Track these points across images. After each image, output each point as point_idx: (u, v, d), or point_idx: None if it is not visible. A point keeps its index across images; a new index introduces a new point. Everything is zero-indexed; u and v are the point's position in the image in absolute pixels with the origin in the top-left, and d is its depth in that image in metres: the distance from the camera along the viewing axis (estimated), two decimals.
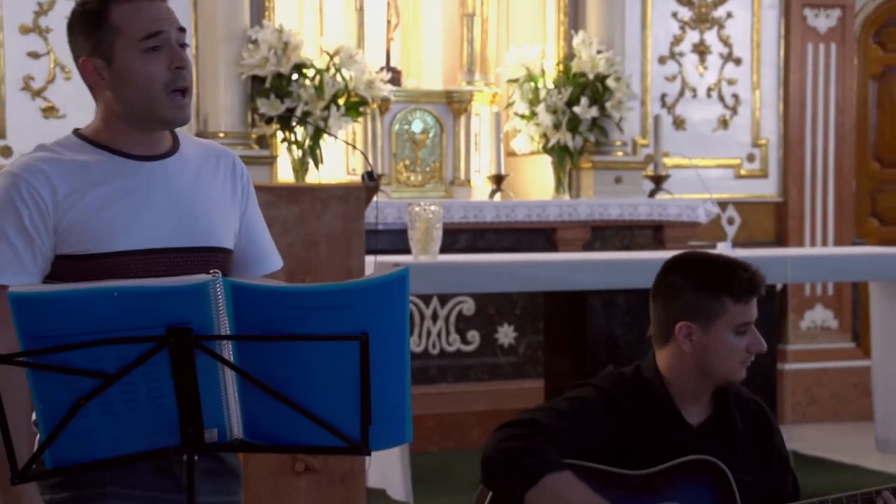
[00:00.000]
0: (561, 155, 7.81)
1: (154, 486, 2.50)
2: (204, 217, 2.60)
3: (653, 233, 7.70)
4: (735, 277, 3.04)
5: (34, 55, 7.07)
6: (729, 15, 8.56)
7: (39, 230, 2.48)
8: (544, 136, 7.80)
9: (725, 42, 8.56)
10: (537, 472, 2.91)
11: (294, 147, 7.22)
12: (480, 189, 7.94)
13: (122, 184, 2.53)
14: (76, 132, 2.61)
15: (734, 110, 8.58)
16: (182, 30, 2.58)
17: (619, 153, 7.97)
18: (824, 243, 8.60)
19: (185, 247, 2.53)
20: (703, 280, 3.05)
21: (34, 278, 2.46)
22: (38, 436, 2.40)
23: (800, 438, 7.34)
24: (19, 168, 2.51)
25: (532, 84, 7.83)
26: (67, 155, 2.54)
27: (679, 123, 8.43)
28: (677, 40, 8.47)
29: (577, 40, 7.80)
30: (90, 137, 2.59)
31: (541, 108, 7.76)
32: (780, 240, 8.59)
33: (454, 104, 7.93)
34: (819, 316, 8.68)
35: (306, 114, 7.08)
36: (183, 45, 2.57)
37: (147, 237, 2.51)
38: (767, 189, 8.67)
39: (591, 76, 7.70)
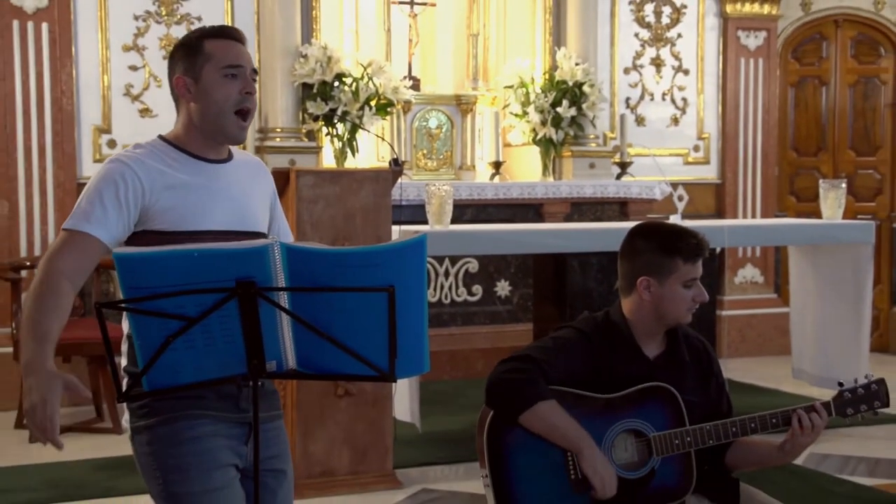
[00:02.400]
0: (547, 146, 7.80)
1: (221, 408, 2.53)
2: (253, 209, 2.69)
3: (619, 207, 7.69)
4: (686, 242, 3.05)
5: (133, 68, 7.06)
6: (679, 35, 8.53)
7: (130, 204, 2.51)
8: (534, 130, 7.79)
9: (676, 57, 8.53)
10: (531, 400, 2.93)
11: (335, 139, 7.22)
12: (483, 173, 7.93)
13: (200, 179, 2.59)
14: (161, 137, 2.67)
15: (683, 111, 8.56)
16: (255, 71, 2.67)
17: (593, 144, 7.95)
18: (753, 216, 8.60)
19: (243, 230, 2.59)
20: (660, 244, 3.06)
21: (112, 238, 2.50)
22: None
23: (733, 369, 7.35)
24: (125, 157, 2.57)
25: (524, 89, 7.81)
26: (158, 154, 2.60)
27: (640, 121, 8.41)
28: (638, 55, 8.44)
29: (559, 55, 7.78)
30: (173, 142, 2.64)
31: (531, 109, 7.74)
32: (719, 213, 8.59)
33: (462, 105, 7.91)
34: (749, 273, 8.68)
35: (345, 113, 7.08)
36: (253, 80, 2.65)
37: (218, 221, 2.57)
38: (709, 173, 8.66)
39: (570, 83, 7.68)
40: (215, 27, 2.69)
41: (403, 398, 5.11)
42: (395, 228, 4.86)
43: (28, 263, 6.50)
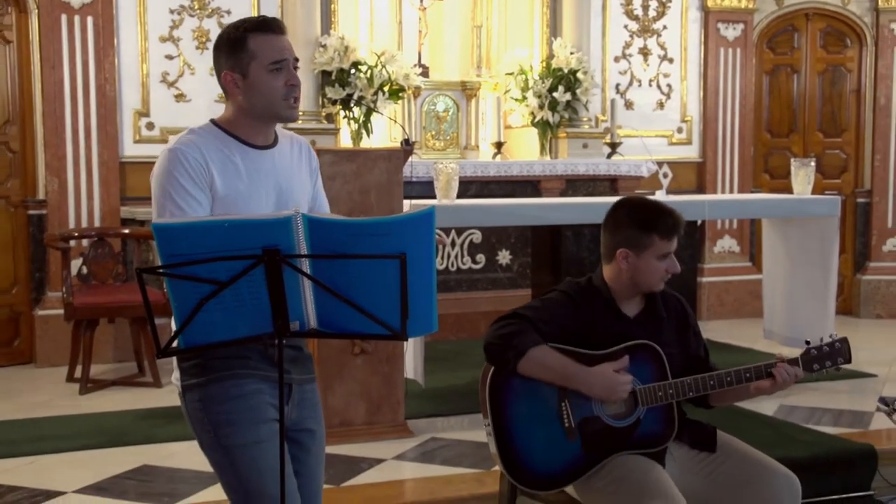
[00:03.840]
0: (544, 128, 7.78)
1: (265, 369, 2.51)
2: (296, 190, 2.64)
3: (609, 184, 7.66)
4: (663, 221, 3.05)
5: (169, 57, 7.05)
6: (665, 27, 8.49)
7: (205, 187, 2.47)
8: (532, 113, 7.77)
9: (662, 46, 8.49)
10: (524, 348, 2.94)
11: (352, 121, 7.20)
12: (486, 152, 7.91)
13: (249, 166, 2.54)
14: (212, 121, 2.60)
15: (668, 96, 8.52)
16: (296, 59, 2.61)
17: (586, 126, 7.92)
18: (731, 191, 8.58)
19: None
20: (640, 221, 3.06)
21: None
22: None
23: (712, 330, 7.37)
24: (180, 145, 2.50)
25: (523, 76, 7.78)
26: (210, 139, 2.54)
27: (629, 105, 8.38)
28: (627, 45, 8.40)
29: (555, 44, 7.74)
30: (224, 127, 2.58)
31: (529, 94, 7.71)
32: (700, 188, 8.57)
33: (467, 91, 7.89)
34: (727, 243, 8.67)
35: (361, 98, 7.06)
36: (295, 68, 2.59)
37: (264, 205, 2.53)
38: (691, 152, 8.63)
39: (565, 70, 7.65)
40: (257, 20, 2.59)
41: (409, 357, 5.12)
42: (406, 202, 4.86)
43: (76, 234, 6.52)
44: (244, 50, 2.54)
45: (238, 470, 2.50)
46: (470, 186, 7.08)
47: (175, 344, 2.22)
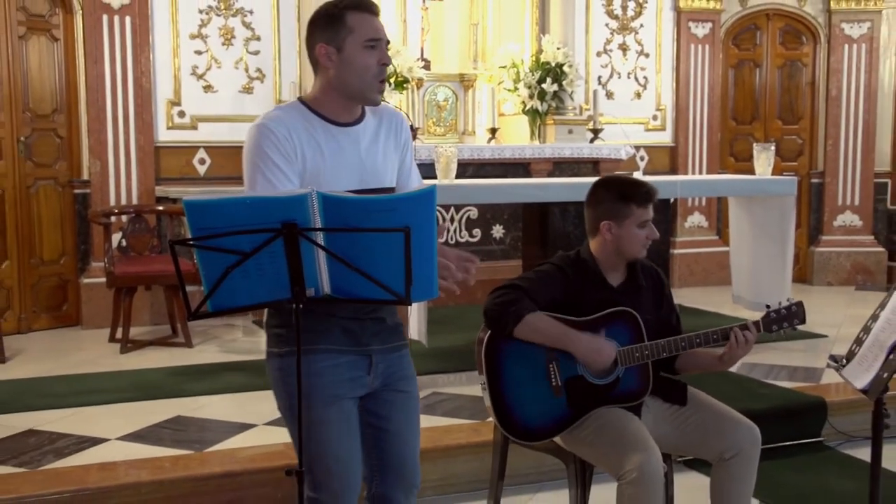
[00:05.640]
0: (533, 115, 7.74)
1: (345, 343, 2.41)
2: (379, 167, 2.45)
3: (592, 166, 7.63)
4: (638, 191, 3.02)
5: (198, 52, 7.00)
6: (641, 25, 8.44)
7: (293, 161, 2.33)
8: (523, 103, 7.73)
9: (639, 43, 8.44)
10: (520, 314, 2.92)
11: None
12: (481, 137, 7.87)
13: (331, 144, 2.38)
14: (300, 99, 2.44)
15: (644, 87, 8.48)
16: (388, 41, 2.46)
17: (571, 114, 7.87)
18: (700, 172, 8.56)
19: (367, 188, 2.38)
20: (618, 193, 3.03)
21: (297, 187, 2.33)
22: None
23: (683, 296, 7.35)
24: (268, 121, 2.34)
25: (515, 69, 7.74)
26: (296, 115, 2.38)
27: (609, 95, 8.33)
28: (608, 41, 8.35)
29: (544, 40, 7.70)
30: (311, 105, 2.41)
31: (521, 85, 7.68)
32: (673, 170, 8.54)
33: (465, 82, 7.84)
34: (696, 219, 8.66)
35: None
36: (387, 50, 2.43)
37: (345, 183, 2.36)
38: (665, 138, 8.60)
39: (553, 64, 7.61)
40: (355, 0, 2.37)
41: (413, 320, 5.11)
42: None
43: (116, 211, 6.50)
44: (342, 25, 2.35)
45: (306, 441, 2.39)
46: (467, 168, 7.04)
47: (204, 308, 2.20)
